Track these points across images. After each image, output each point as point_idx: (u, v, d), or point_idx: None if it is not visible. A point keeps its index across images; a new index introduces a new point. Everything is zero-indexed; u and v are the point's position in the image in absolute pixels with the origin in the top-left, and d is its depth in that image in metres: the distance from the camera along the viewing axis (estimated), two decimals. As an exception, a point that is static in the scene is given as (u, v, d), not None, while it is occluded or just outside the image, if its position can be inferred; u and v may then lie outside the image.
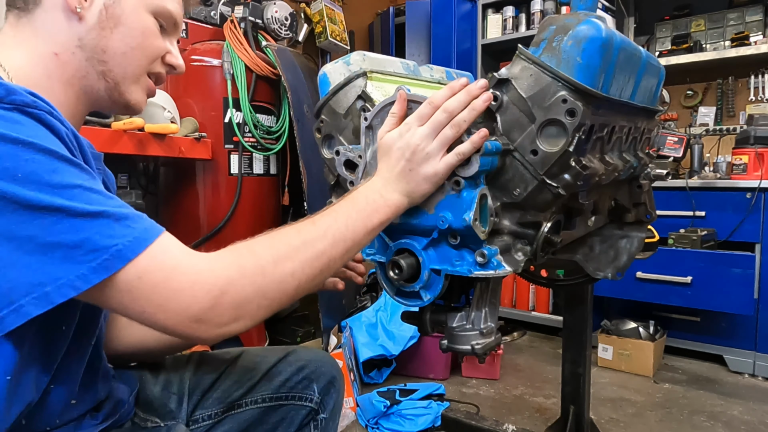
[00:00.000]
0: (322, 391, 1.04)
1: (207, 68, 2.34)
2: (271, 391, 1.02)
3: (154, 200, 2.56)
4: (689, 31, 3.21)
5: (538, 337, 3.24)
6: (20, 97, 0.60)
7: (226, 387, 1.02)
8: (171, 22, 0.83)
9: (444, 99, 0.77)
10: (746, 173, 2.61)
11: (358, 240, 0.75)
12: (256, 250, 0.69)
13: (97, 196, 0.61)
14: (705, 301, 2.51)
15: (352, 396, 2.20)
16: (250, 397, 1.02)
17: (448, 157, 0.77)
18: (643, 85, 1.05)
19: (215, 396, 1.01)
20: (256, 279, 0.66)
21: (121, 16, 0.76)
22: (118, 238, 0.60)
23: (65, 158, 0.61)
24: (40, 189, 0.57)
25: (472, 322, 0.87)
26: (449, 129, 0.77)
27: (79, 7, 0.73)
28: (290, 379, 1.03)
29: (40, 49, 0.74)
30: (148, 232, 0.63)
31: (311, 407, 1.03)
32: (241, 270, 0.66)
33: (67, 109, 0.77)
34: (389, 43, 3.94)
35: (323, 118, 0.95)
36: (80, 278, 0.58)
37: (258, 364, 1.03)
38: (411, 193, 0.79)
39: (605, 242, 1.33)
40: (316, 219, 0.74)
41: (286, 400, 1.02)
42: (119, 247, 0.59)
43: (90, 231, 0.59)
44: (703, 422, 2.16)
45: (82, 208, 0.59)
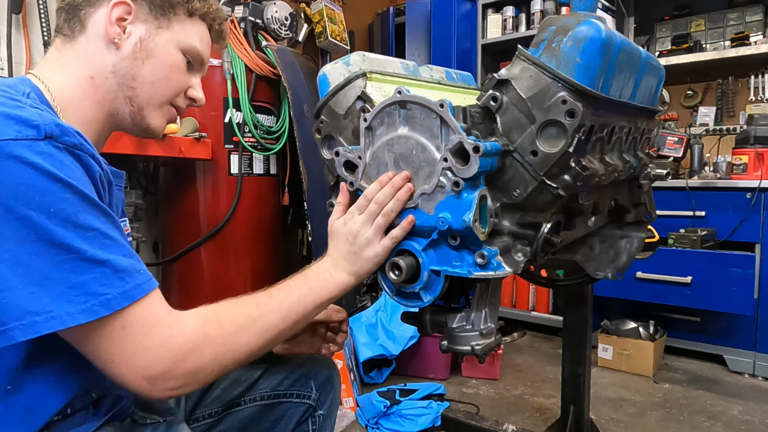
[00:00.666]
0: (319, 388, 1.08)
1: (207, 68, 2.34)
2: (270, 389, 1.05)
3: (154, 200, 2.56)
4: (689, 31, 3.21)
5: (538, 337, 3.24)
6: (71, 139, 0.67)
7: (225, 386, 1.04)
8: (198, 60, 0.92)
9: (375, 192, 0.86)
10: (746, 173, 2.61)
11: (307, 314, 0.83)
12: (221, 319, 0.74)
13: (109, 242, 0.67)
14: (705, 301, 2.51)
15: (352, 396, 2.20)
16: (249, 395, 1.05)
17: (385, 241, 0.86)
18: (643, 86, 1.05)
19: (215, 395, 1.04)
20: (216, 348, 0.72)
21: (153, 49, 0.85)
22: (110, 288, 0.65)
23: (93, 202, 0.67)
24: (65, 227, 0.63)
25: (471, 323, 0.87)
26: (380, 218, 0.85)
27: (117, 38, 0.82)
28: (288, 377, 1.06)
29: (78, 72, 0.82)
30: (138, 288, 0.68)
31: (309, 404, 1.06)
32: (206, 338, 0.71)
33: (95, 126, 0.85)
34: (389, 43, 3.93)
35: (323, 118, 0.95)
36: (69, 315, 0.63)
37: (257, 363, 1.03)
38: (356, 272, 0.87)
39: (605, 242, 1.33)
40: (272, 292, 0.81)
41: (284, 397, 1.06)
42: (108, 297, 0.65)
43: (90, 276, 0.64)
44: (703, 422, 2.16)
45: (92, 254, 0.64)
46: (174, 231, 2.46)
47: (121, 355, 0.66)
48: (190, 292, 2.39)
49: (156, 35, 0.85)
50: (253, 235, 2.46)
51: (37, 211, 0.62)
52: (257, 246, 2.48)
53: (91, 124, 0.83)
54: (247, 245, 2.43)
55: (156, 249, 2.63)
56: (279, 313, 0.79)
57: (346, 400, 2.20)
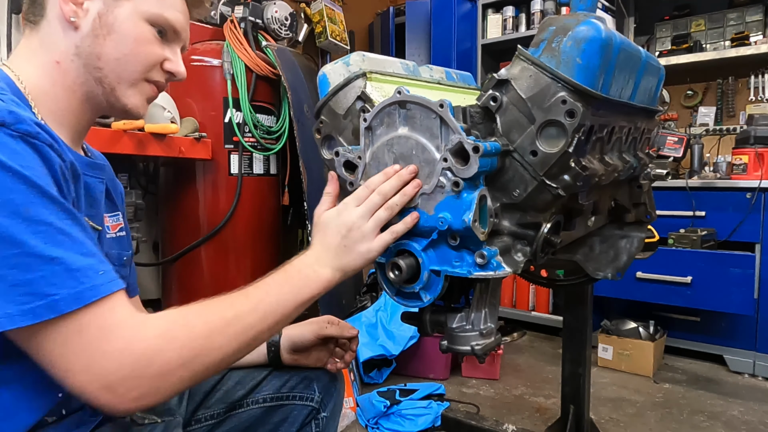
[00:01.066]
0: (322, 390, 1.06)
1: (207, 68, 2.35)
2: (273, 391, 1.04)
3: (154, 200, 2.56)
4: (689, 31, 3.21)
5: (538, 337, 3.24)
6: (26, 127, 0.63)
7: (228, 387, 1.03)
8: (170, 28, 0.83)
9: (379, 183, 0.82)
10: (746, 173, 2.61)
11: (287, 314, 0.76)
12: (189, 320, 0.68)
13: (64, 238, 0.61)
14: (705, 301, 2.51)
15: (352, 396, 2.20)
16: (251, 397, 1.04)
17: (384, 236, 0.81)
18: (643, 86, 1.05)
19: (218, 396, 1.03)
20: (183, 352, 0.65)
21: (113, 24, 0.78)
22: (59, 288, 0.59)
23: (49, 195, 0.61)
24: (12, 219, 0.58)
25: (471, 323, 0.87)
26: (383, 211, 0.81)
27: (73, 17, 0.77)
28: (291, 379, 1.05)
29: (44, 59, 0.78)
30: (94, 290, 0.61)
31: (312, 406, 1.05)
32: (172, 341, 0.65)
33: (72, 114, 0.80)
34: (389, 43, 3.94)
35: (323, 118, 0.95)
36: (7, 317, 0.57)
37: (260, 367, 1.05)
38: (343, 268, 0.81)
39: (605, 242, 1.33)
40: (249, 291, 0.75)
41: (287, 399, 1.04)
42: (56, 298, 0.59)
43: (37, 274, 0.58)
44: (703, 422, 2.16)
45: (41, 250, 0.59)
46: (174, 231, 2.46)
47: (77, 362, 0.60)
48: (190, 292, 2.39)
49: (115, 8, 0.78)
50: (253, 235, 2.46)
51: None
52: (257, 246, 2.48)
53: (67, 112, 0.79)
54: (247, 245, 2.43)
55: (156, 249, 2.63)
56: (255, 314, 0.73)
57: (346, 400, 2.19)
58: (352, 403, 2.19)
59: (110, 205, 0.92)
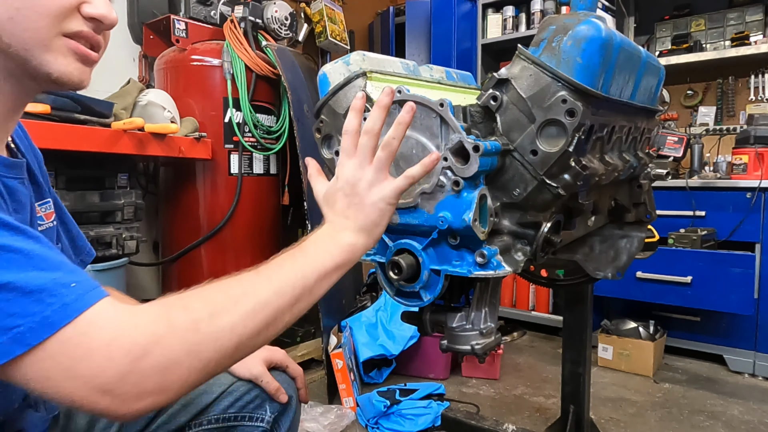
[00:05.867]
0: (275, 410, 0.96)
1: (207, 68, 2.34)
2: (219, 412, 0.93)
3: (154, 200, 2.56)
4: (689, 30, 3.21)
5: (538, 337, 3.24)
6: None
7: (174, 411, 0.92)
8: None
9: (356, 125, 0.72)
10: (746, 173, 2.61)
11: (309, 287, 0.66)
12: (189, 302, 0.59)
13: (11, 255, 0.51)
14: (705, 301, 2.51)
15: (352, 396, 2.20)
16: (197, 419, 0.93)
17: (397, 181, 0.71)
18: (643, 85, 1.05)
19: (160, 421, 0.92)
20: (187, 336, 0.56)
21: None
22: (22, 318, 0.50)
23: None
24: None
25: (471, 322, 0.87)
26: (381, 151, 0.71)
27: None
28: (241, 398, 0.94)
29: None
30: (66, 309, 0.51)
31: (264, 428, 0.95)
32: (170, 325, 0.55)
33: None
34: (389, 43, 3.94)
35: (323, 118, 0.95)
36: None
37: (211, 386, 0.94)
38: (363, 227, 0.71)
39: (605, 242, 1.33)
40: (260, 269, 0.66)
41: (235, 420, 0.94)
42: (21, 330, 0.49)
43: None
44: (703, 422, 2.16)
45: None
46: (174, 231, 2.46)
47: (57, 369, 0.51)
48: (190, 291, 2.39)
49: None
50: (253, 235, 2.46)
51: None
52: (257, 246, 2.48)
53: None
54: (247, 245, 2.43)
55: (156, 249, 2.63)
56: (269, 287, 0.63)
57: (346, 400, 2.20)
58: (352, 403, 2.19)
59: (38, 191, 0.79)
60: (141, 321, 0.54)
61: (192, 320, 0.57)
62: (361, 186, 0.71)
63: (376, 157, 0.71)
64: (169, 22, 2.32)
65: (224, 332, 0.58)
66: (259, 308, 0.61)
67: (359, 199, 0.71)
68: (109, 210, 1.99)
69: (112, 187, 2.04)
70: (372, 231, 0.72)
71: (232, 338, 0.59)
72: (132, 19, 2.52)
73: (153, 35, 2.51)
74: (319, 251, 0.68)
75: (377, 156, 0.71)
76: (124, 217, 2.02)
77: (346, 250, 0.70)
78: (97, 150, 1.83)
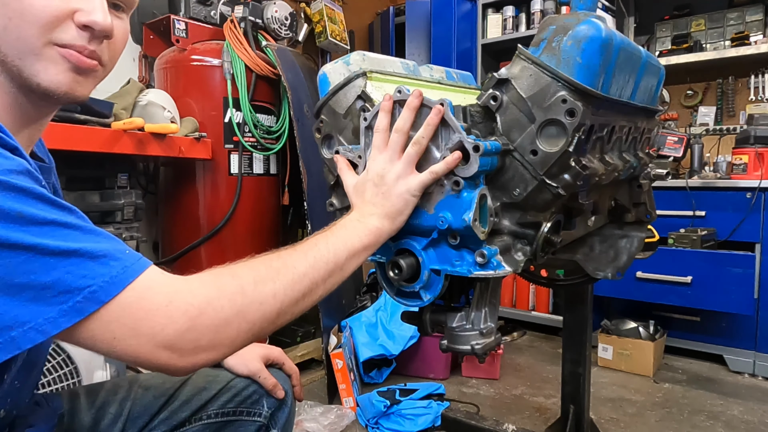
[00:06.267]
0: (272, 406, 1.00)
1: (207, 68, 2.34)
2: (218, 408, 0.97)
3: (154, 200, 2.56)
4: (689, 30, 3.21)
5: (538, 337, 3.24)
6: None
7: (174, 408, 0.96)
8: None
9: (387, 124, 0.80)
10: (746, 173, 2.61)
11: (340, 263, 0.74)
12: (235, 271, 0.66)
13: (73, 231, 0.57)
14: (705, 301, 2.51)
15: (352, 396, 2.20)
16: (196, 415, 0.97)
17: (422, 175, 0.79)
18: (643, 85, 1.05)
19: (162, 417, 0.95)
20: (236, 298, 0.62)
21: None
22: (92, 279, 0.55)
23: (38, 194, 0.56)
24: (8, 226, 0.53)
25: (471, 322, 0.87)
26: (411, 147, 0.79)
27: None
28: (239, 394, 0.99)
29: None
30: (128, 270, 0.58)
31: (261, 422, 0.99)
32: (220, 290, 0.62)
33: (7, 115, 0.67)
34: (389, 43, 3.94)
35: (323, 118, 0.95)
36: (49, 322, 0.54)
37: (210, 383, 0.98)
38: (388, 214, 0.79)
39: (605, 242, 1.33)
40: (296, 246, 0.73)
41: (234, 415, 0.98)
42: (93, 289, 0.55)
43: (62, 270, 0.54)
44: (703, 422, 2.16)
45: (55, 246, 0.54)
46: (174, 231, 2.46)
47: (122, 329, 0.56)
48: (190, 291, 2.39)
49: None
50: (253, 235, 2.46)
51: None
52: (257, 246, 2.48)
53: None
54: (247, 245, 2.43)
55: (156, 249, 2.63)
56: (305, 262, 0.70)
57: (346, 400, 2.20)
58: (352, 403, 2.19)
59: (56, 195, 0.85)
60: (194, 285, 0.61)
61: (239, 285, 0.64)
62: (389, 177, 0.79)
63: (406, 153, 0.79)
64: (169, 22, 2.32)
65: (268, 298, 0.65)
66: (298, 279, 0.68)
67: (387, 188, 0.79)
68: (109, 210, 1.99)
69: (112, 187, 2.04)
70: (396, 218, 0.80)
71: (274, 304, 0.65)
72: (132, 19, 2.52)
73: (153, 35, 2.51)
74: (349, 233, 0.76)
75: (407, 152, 0.79)
76: (124, 217, 2.02)
77: (373, 232, 0.78)
78: (97, 150, 1.83)
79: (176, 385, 0.98)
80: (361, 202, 0.81)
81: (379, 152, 0.81)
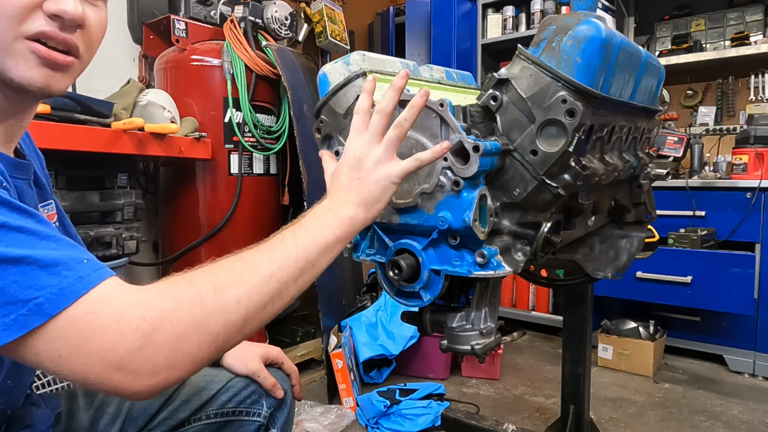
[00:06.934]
0: (272, 406, 0.99)
1: (207, 68, 2.34)
2: (218, 407, 0.97)
3: (154, 200, 2.56)
4: (689, 30, 3.21)
5: (538, 337, 3.24)
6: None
7: (174, 408, 0.96)
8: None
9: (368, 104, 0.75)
10: (746, 173, 2.61)
11: (311, 260, 0.67)
12: (193, 278, 0.60)
13: (26, 237, 0.52)
14: (705, 301, 2.51)
15: (352, 396, 2.20)
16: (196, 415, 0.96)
17: (405, 162, 0.74)
18: (643, 85, 1.05)
19: (161, 417, 0.95)
20: (194, 309, 0.56)
21: None
22: (40, 290, 0.50)
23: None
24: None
25: (471, 322, 0.87)
26: (392, 130, 0.73)
27: None
28: (238, 394, 0.98)
29: None
30: (82, 281, 0.53)
31: (260, 422, 0.98)
32: (177, 300, 0.56)
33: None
34: (389, 43, 3.94)
35: (323, 118, 0.95)
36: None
37: (209, 382, 0.98)
38: (364, 201, 0.72)
39: (605, 242, 1.33)
40: (261, 245, 0.67)
41: (233, 415, 0.97)
42: (40, 301, 0.50)
43: (8, 280, 0.50)
44: (703, 422, 2.16)
45: (2, 252, 0.50)
46: (174, 231, 2.46)
47: (68, 346, 0.51)
48: (190, 291, 2.39)
49: None
50: (253, 235, 2.46)
51: None
52: (257, 246, 2.48)
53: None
54: (247, 245, 2.42)
55: (156, 249, 2.63)
56: (271, 261, 0.64)
57: (346, 400, 2.20)
58: (352, 403, 2.19)
59: (41, 193, 0.80)
60: (148, 297, 0.55)
61: (197, 294, 0.58)
62: (368, 161, 0.73)
63: (387, 136, 0.73)
64: (169, 22, 2.32)
65: (230, 305, 0.59)
66: (263, 281, 0.62)
67: (365, 173, 0.73)
68: (109, 210, 1.99)
69: (112, 187, 2.04)
70: (372, 206, 0.73)
71: (239, 311, 0.60)
72: (132, 19, 2.52)
73: (153, 35, 2.51)
74: (319, 225, 0.70)
75: (388, 135, 0.73)
76: (124, 217, 2.02)
77: (346, 222, 0.71)
78: (97, 150, 1.83)
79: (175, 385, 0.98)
80: (336, 188, 0.74)
81: (358, 134, 0.75)
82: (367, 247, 0.92)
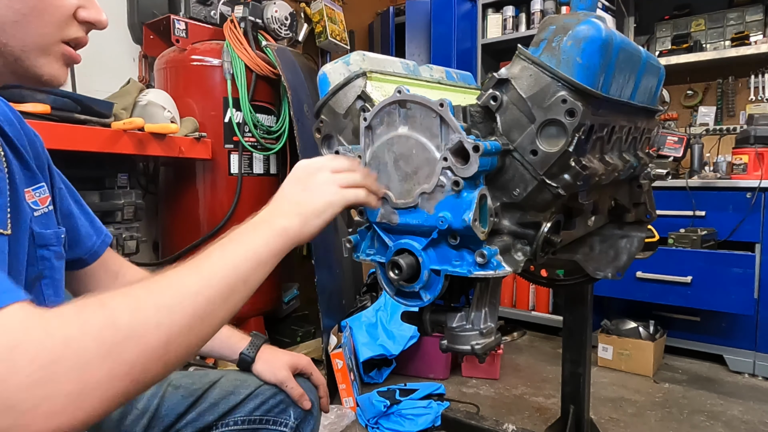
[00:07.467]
0: (299, 416, 0.99)
1: (207, 68, 2.35)
2: (245, 414, 0.96)
3: (154, 200, 2.57)
4: (689, 30, 3.21)
5: (538, 337, 3.24)
6: None
7: (202, 409, 0.96)
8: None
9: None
10: (746, 173, 2.61)
11: (243, 275, 0.62)
12: (105, 300, 0.51)
13: None
14: (705, 301, 2.51)
15: (352, 396, 2.20)
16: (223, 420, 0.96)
17: (347, 192, 0.75)
18: (643, 85, 1.05)
19: (189, 418, 0.95)
20: (104, 334, 0.48)
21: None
22: None
23: None
24: None
25: (471, 322, 0.87)
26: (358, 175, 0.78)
27: None
28: (266, 402, 0.98)
29: None
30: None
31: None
32: (84, 325, 0.47)
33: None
34: (389, 43, 3.94)
35: (323, 118, 0.94)
36: None
37: (238, 388, 0.98)
38: (301, 213, 0.70)
39: (605, 242, 1.33)
40: (187, 262, 0.61)
41: (260, 423, 0.97)
42: None
43: None
44: (703, 422, 2.16)
45: None
46: (174, 231, 2.46)
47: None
48: (190, 291, 2.39)
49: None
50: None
51: None
52: (257, 246, 2.48)
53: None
54: (247, 245, 2.43)
55: (156, 249, 2.63)
56: (198, 278, 0.58)
57: (346, 400, 2.20)
58: (352, 403, 2.19)
59: (29, 176, 0.76)
60: (51, 323, 0.46)
61: (109, 317, 0.49)
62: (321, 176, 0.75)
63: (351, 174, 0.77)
64: (169, 22, 2.32)
65: (148, 328, 0.51)
66: (187, 300, 0.56)
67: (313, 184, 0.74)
68: (109, 210, 2.00)
69: (112, 187, 2.04)
70: (309, 221, 0.71)
71: (159, 335, 0.52)
72: (132, 19, 2.52)
73: (153, 35, 2.51)
74: (251, 238, 0.66)
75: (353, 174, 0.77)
76: (124, 217, 2.02)
77: (281, 234, 0.68)
78: (97, 150, 1.83)
79: (205, 386, 0.98)
80: (278, 197, 0.73)
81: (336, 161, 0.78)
82: (367, 247, 0.92)
